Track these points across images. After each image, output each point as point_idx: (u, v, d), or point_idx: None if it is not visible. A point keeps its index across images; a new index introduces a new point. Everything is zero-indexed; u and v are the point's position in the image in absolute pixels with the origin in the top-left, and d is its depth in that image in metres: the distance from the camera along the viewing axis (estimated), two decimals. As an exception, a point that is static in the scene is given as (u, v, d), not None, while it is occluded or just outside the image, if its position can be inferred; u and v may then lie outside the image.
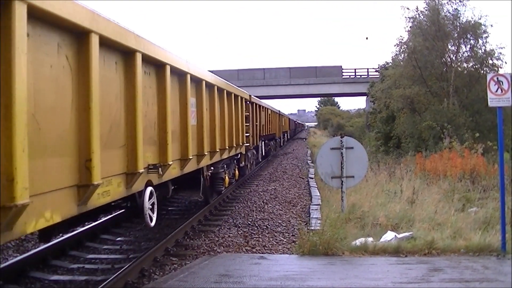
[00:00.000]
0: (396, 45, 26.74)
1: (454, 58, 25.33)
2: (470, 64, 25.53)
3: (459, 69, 25.16)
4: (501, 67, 24.00)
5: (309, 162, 25.30)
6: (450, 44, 25.48)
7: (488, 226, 8.67)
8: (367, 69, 57.96)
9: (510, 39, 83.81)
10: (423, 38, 24.82)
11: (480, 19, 24.69)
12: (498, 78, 7.72)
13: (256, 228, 10.02)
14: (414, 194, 11.13)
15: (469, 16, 28.35)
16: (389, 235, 8.22)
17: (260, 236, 9.34)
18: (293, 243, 8.59)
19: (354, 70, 60.21)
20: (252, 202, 13.22)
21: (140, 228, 9.75)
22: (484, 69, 24.50)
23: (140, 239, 9.01)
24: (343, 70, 59.37)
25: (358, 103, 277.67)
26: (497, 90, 7.65)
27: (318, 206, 11.37)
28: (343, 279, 6.33)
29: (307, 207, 11.96)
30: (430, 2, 25.48)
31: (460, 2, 25.02)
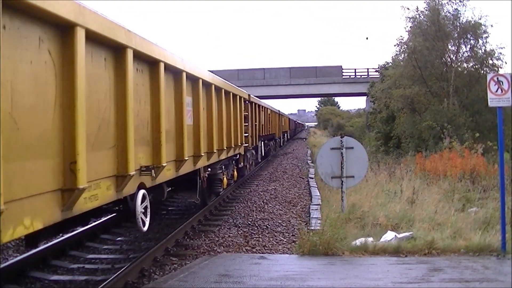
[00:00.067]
0: (396, 45, 26.79)
1: (454, 58, 25.33)
2: (470, 64, 25.53)
3: (459, 69, 25.15)
4: (501, 67, 24.03)
5: (309, 162, 25.29)
6: (450, 44, 25.47)
7: (488, 226, 8.66)
8: (367, 69, 58.05)
9: (510, 39, 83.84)
10: (423, 38, 24.81)
11: (480, 19, 24.71)
12: (498, 78, 7.73)
13: (256, 228, 10.03)
14: (414, 194, 11.13)
15: (469, 16, 28.38)
16: (389, 235, 8.22)
17: (260, 236, 9.34)
18: (293, 243, 8.59)
19: (354, 70, 60.26)
20: (252, 202, 13.22)
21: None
22: (484, 69, 24.50)
23: (140, 239, 9.00)
24: (343, 70, 59.38)
25: (358, 103, 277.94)
26: (497, 90, 7.65)
27: (318, 206, 11.37)
28: (343, 279, 6.33)
29: (307, 207, 11.96)
30: (430, 2, 25.48)
31: (460, 2, 25.04)
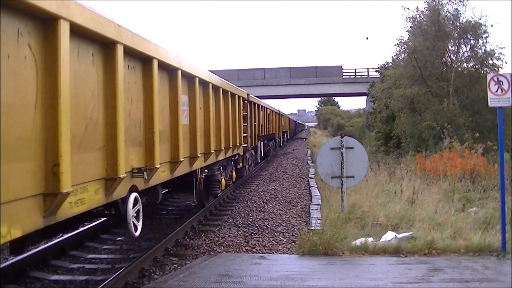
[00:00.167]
0: (396, 45, 26.79)
1: (454, 58, 25.32)
2: (470, 64, 25.53)
3: (459, 69, 25.15)
4: (501, 67, 24.02)
5: (309, 162, 25.29)
6: (450, 44, 25.47)
7: (488, 226, 8.66)
8: (367, 69, 58.01)
9: (510, 39, 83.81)
10: (423, 38, 24.81)
11: (480, 19, 24.70)
12: (498, 78, 7.73)
13: (256, 228, 10.03)
14: (414, 194, 11.13)
15: (469, 16, 28.32)
16: (389, 235, 8.22)
17: (260, 236, 9.34)
18: (293, 243, 8.59)
19: (354, 70, 60.22)
20: (252, 202, 13.22)
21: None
22: (484, 69, 24.49)
23: (140, 239, 9.00)
24: (343, 70, 59.36)
25: (358, 103, 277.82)
26: (497, 90, 7.65)
27: (318, 206, 11.37)
28: (343, 279, 6.33)
29: (307, 207, 11.96)
30: (430, 2, 25.48)
31: (460, 2, 25.03)
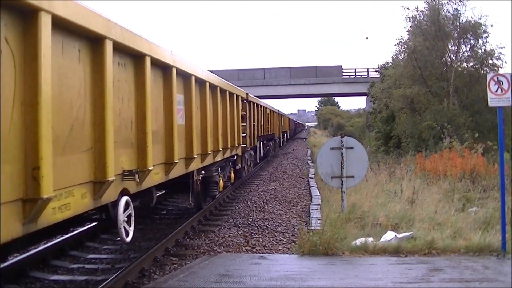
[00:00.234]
0: (396, 45, 26.86)
1: (454, 58, 25.34)
2: (470, 64, 25.55)
3: (459, 69, 25.17)
4: (501, 67, 24.05)
5: (309, 162, 25.29)
6: (450, 44, 25.48)
7: (488, 226, 8.66)
8: (367, 69, 57.95)
9: (510, 39, 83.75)
10: (423, 38, 24.82)
11: (480, 19, 24.73)
12: (498, 78, 7.72)
13: (256, 228, 10.03)
14: (414, 194, 11.13)
15: (469, 16, 28.34)
16: (389, 235, 8.22)
17: (260, 236, 9.34)
18: (293, 243, 8.59)
19: (354, 70, 60.17)
20: (252, 202, 13.22)
21: (140, 227, 9.74)
22: (484, 69, 24.51)
23: (140, 239, 9.00)
24: (343, 70, 59.33)
25: (358, 103, 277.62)
26: (497, 90, 7.65)
27: (318, 206, 11.37)
28: (343, 279, 6.33)
29: (307, 207, 11.96)
30: (430, 2, 25.50)
31: (460, 2, 25.06)
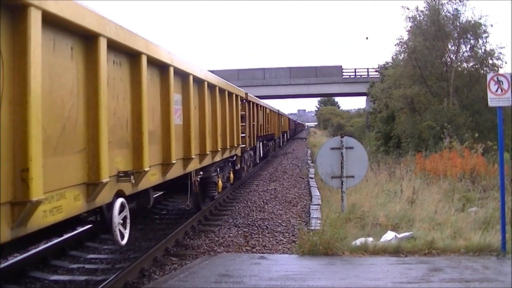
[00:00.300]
0: (396, 45, 26.85)
1: (454, 58, 25.35)
2: (470, 64, 25.56)
3: (459, 69, 25.17)
4: (501, 67, 24.06)
5: (309, 162, 25.29)
6: (450, 44, 25.49)
7: (488, 226, 8.66)
8: (367, 69, 57.97)
9: (510, 39, 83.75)
10: (423, 38, 24.83)
11: (480, 19, 24.74)
12: (498, 78, 7.72)
13: (256, 228, 10.03)
14: (414, 194, 11.13)
15: (469, 16, 28.31)
16: (389, 235, 8.22)
17: (260, 236, 9.34)
18: (293, 243, 8.59)
19: (354, 70, 60.20)
20: (252, 202, 13.22)
21: (140, 227, 9.75)
22: (484, 69, 24.51)
23: (140, 239, 9.01)
24: (343, 70, 59.35)
25: (358, 103, 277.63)
26: (497, 90, 7.65)
27: (318, 206, 11.37)
28: (343, 279, 6.33)
29: (307, 207, 11.96)
30: (430, 2, 25.50)
31: (460, 2, 25.06)
